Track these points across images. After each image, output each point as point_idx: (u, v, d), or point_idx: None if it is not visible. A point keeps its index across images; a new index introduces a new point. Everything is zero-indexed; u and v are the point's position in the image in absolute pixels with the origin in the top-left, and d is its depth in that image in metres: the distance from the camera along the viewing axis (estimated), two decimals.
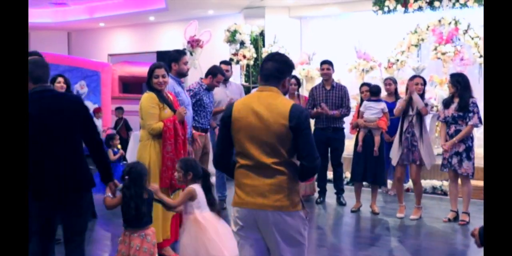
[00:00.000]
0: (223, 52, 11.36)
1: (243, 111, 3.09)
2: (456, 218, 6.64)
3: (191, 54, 10.26)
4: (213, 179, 8.03)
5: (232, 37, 11.30)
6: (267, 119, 3.01)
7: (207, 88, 6.49)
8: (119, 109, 12.03)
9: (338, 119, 7.51)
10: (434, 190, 8.26)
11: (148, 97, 5.03)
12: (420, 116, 6.61)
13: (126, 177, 4.10)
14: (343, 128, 7.63)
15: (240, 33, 11.23)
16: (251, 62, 11.35)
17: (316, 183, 7.98)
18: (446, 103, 6.60)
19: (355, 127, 7.18)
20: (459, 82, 6.44)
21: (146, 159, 4.96)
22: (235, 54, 11.32)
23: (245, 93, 7.88)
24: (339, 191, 7.71)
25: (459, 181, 6.63)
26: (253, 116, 3.05)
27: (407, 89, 6.72)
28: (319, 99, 7.52)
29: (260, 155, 3.02)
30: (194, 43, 10.36)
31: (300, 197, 3.14)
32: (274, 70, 3.12)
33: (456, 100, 6.46)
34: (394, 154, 6.77)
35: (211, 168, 7.74)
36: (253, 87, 8.20)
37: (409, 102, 6.62)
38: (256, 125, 3.03)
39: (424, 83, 6.78)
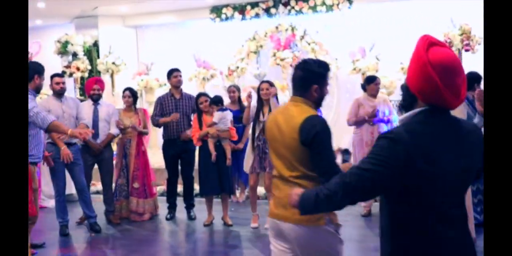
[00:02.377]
0: (55, 65, 10.57)
1: (271, 122, 3.07)
2: None
3: None
4: (52, 203, 7.33)
5: (63, 49, 10.66)
6: (283, 131, 2.95)
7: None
8: None
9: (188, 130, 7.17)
10: None
11: None
12: None
13: None
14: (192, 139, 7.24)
15: (72, 44, 10.64)
16: (86, 75, 10.75)
17: (166, 198, 7.57)
18: None
19: (203, 137, 6.82)
20: None
21: None
22: (68, 67, 10.69)
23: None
24: (189, 206, 7.38)
25: None
26: (275, 127, 3.01)
27: (259, 95, 6.48)
28: (168, 109, 7.14)
29: (281, 167, 2.98)
30: None
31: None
32: (298, 79, 3.03)
33: None
34: (247, 162, 6.55)
35: (49, 191, 7.08)
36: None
37: (260, 108, 6.45)
38: (276, 137, 2.99)
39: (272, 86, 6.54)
